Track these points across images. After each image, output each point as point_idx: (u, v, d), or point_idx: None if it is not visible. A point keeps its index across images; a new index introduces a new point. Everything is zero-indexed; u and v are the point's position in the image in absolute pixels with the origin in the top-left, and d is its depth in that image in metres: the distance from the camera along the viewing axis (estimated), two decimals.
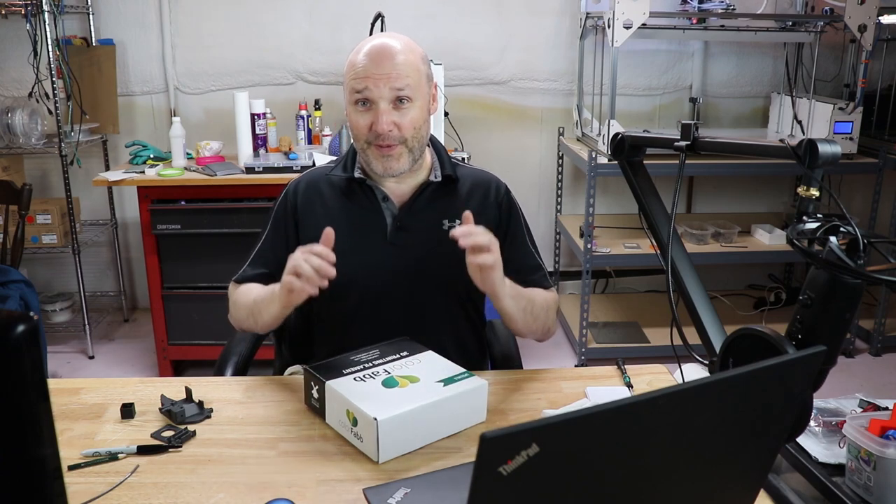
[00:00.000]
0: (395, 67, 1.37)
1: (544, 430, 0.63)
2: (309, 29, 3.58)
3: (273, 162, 2.98)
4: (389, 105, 1.38)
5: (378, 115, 1.38)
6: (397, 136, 1.39)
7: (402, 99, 1.39)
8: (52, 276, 3.75)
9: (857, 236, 1.18)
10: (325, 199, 1.52)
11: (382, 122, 1.37)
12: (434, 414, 1.19)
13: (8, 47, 3.45)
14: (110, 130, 3.53)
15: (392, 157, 1.41)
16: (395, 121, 1.39)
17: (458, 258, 1.52)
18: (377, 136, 1.39)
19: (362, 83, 1.38)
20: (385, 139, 1.39)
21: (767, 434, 0.84)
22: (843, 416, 1.57)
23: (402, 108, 1.39)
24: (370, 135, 1.40)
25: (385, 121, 1.37)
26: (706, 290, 1.53)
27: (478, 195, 1.55)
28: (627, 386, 1.41)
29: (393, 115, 1.39)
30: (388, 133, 1.38)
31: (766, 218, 3.61)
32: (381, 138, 1.39)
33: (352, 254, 1.49)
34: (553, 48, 3.69)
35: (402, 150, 1.41)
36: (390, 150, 1.40)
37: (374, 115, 1.39)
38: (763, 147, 1.52)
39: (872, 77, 3.37)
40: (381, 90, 1.37)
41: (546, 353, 3.36)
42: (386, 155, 1.41)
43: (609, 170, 3.10)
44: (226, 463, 1.15)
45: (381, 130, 1.38)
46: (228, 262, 1.56)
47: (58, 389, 1.37)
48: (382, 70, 1.37)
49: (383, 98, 1.38)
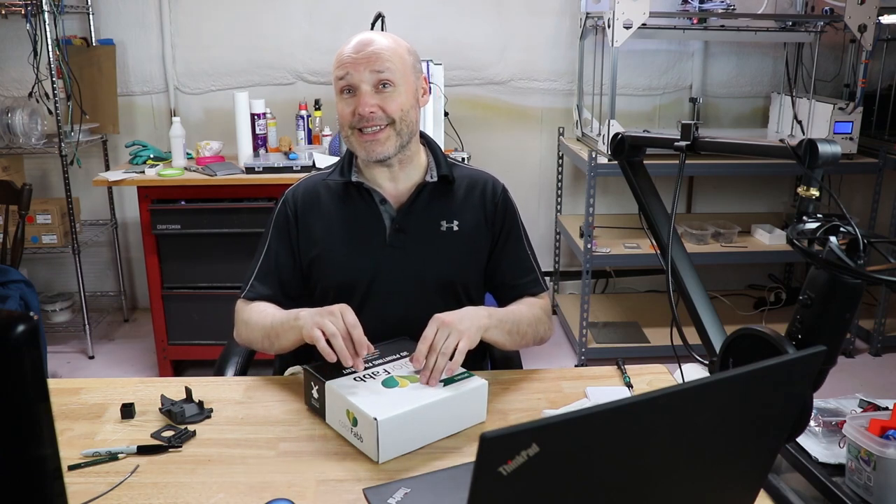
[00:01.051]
0: (375, 52, 1.40)
1: (544, 430, 0.63)
2: (309, 29, 3.58)
3: (273, 162, 2.98)
4: (371, 89, 1.40)
5: (360, 97, 1.40)
6: (382, 118, 1.41)
7: (384, 83, 1.40)
8: (52, 276, 3.75)
9: (857, 236, 1.18)
10: (323, 204, 1.52)
11: (364, 104, 1.39)
12: (434, 414, 1.19)
13: (8, 47, 3.45)
14: (110, 130, 3.53)
15: (377, 140, 1.42)
16: (379, 104, 1.40)
17: (457, 259, 1.52)
18: (360, 120, 1.40)
19: (344, 70, 1.41)
20: (367, 121, 1.40)
21: (767, 434, 0.84)
22: (843, 416, 1.56)
23: (385, 93, 1.41)
24: (354, 120, 1.41)
25: (366, 102, 1.39)
26: (706, 290, 1.53)
27: (474, 195, 1.55)
28: (627, 386, 1.42)
29: (375, 98, 1.40)
30: (371, 115, 1.39)
31: (766, 218, 3.61)
32: (364, 121, 1.40)
33: (352, 258, 1.49)
34: (553, 48, 3.69)
35: (389, 133, 1.42)
36: (374, 136, 1.41)
37: (357, 100, 1.40)
38: (763, 147, 1.52)
39: (872, 77, 3.37)
40: (362, 74, 1.39)
41: (546, 353, 3.36)
42: (369, 140, 1.42)
43: (609, 170, 3.10)
44: (226, 463, 1.15)
45: (363, 112, 1.39)
46: (228, 262, 1.58)
47: (58, 389, 1.37)
48: (363, 56, 1.40)
49: (364, 81, 1.40)
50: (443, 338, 1.26)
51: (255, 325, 1.47)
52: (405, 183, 1.51)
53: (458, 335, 1.27)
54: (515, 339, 1.45)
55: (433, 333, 1.27)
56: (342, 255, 1.50)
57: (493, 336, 1.39)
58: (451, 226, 1.52)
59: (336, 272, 1.50)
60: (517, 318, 1.46)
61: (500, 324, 1.40)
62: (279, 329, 1.40)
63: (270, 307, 1.49)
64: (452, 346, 1.26)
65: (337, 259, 1.50)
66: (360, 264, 1.49)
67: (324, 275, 1.52)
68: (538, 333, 1.51)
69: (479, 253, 1.55)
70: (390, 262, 1.49)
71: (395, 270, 1.49)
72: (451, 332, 1.27)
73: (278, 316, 1.43)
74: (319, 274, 1.52)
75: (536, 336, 1.51)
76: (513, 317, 1.45)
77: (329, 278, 1.51)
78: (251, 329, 1.48)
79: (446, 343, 1.26)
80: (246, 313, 1.50)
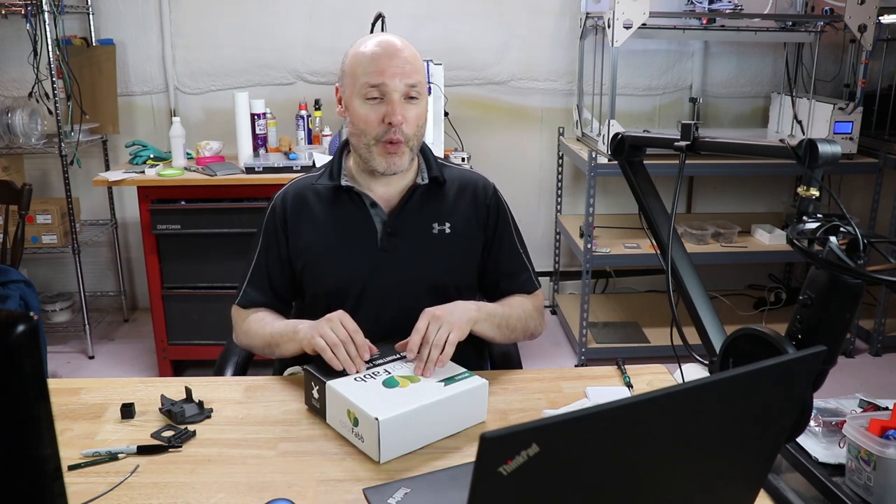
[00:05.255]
0: (408, 63, 1.39)
1: (544, 430, 0.63)
2: (309, 29, 3.58)
3: (273, 162, 2.98)
4: (401, 97, 1.39)
5: (393, 105, 1.38)
6: (403, 132, 1.40)
7: (412, 96, 1.40)
8: (52, 276, 3.75)
9: (857, 236, 1.18)
10: (313, 209, 1.52)
11: (397, 113, 1.38)
12: (435, 414, 1.20)
13: (8, 47, 3.45)
14: (110, 130, 3.53)
15: (397, 154, 1.41)
16: (406, 115, 1.39)
17: (450, 261, 1.52)
18: (388, 130, 1.39)
19: (378, 77, 1.38)
20: (397, 133, 1.39)
21: (767, 434, 0.84)
22: (843, 416, 1.56)
23: (412, 104, 1.41)
24: (381, 128, 1.40)
25: (400, 112, 1.38)
26: (706, 290, 1.53)
27: (465, 196, 1.54)
28: (627, 386, 1.41)
29: (406, 109, 1.40)
30: (400, 126, 1.39)
31: (766, 218, 3.61)
32: (394, 131, 1.39)
33: (344, 263, 1.49)
34: (553, 48, 3.69)
35: (404, 149, 1.42)
36: (396, 148, 1.41)
37: (388, 107, 1.38)
38: (763, 147, 1.52)
39: (872, 77, 3.37)
40: (397, 83, 1.38)
41: (546, 353, 3.36)
42: (391, 153, 1.41)
43: (609, 170, 3.10)
44: (226, 463, 1.15)
45: (396, 122, 1.38)
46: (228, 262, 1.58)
47: (58, 389, 1.37)
48: (397, 64, 1.38)
49: (398, 90, 1.38)
50: (434, 330, 1.30)
51: (254, 335, 1.48)
52: (396, 186, 1.51)
53: (448, 327, 1.30)
54: (505, 332, 1.47)
55: (425, 326, 1.30)
56: (334, 261, 1.49)
57: (482, 329, 1.40)
58: (443, 228, 1.51)
59: (328, 278, 1.50)
60: (507, 312, 1.48)
61: (489, 317, 1.42)
62: (279, 339, 1.42)
63: (269, 316, 1.49)
64: (444, 338, 1.29)
65: (328, 265, 1.50)
66: (352, 270, 1.49)
67: (316, 281, 1.52)
68: (528, 328, 1.53)
69: (472, 254, 1.55)
70: (383, 267, 1.48)
71: (387, 274, 1.48)
72: (441, 324, 1.30)
73: (277, 327, 1.44)
74: (311, 280, 1.52)
75: (527, 331, 1.53)
76: (502, 311, 1.47)
77: (321, 284, 1.51)
78: (251, 338, 1.49)
79: (438, 335, 1.29)
80: (245, 323, 1.51)
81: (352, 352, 1.27)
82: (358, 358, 1.28)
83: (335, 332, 1.28)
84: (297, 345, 1.36)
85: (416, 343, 1.29)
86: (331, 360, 1.27)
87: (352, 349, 1.28)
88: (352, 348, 1.28)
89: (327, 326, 1.29)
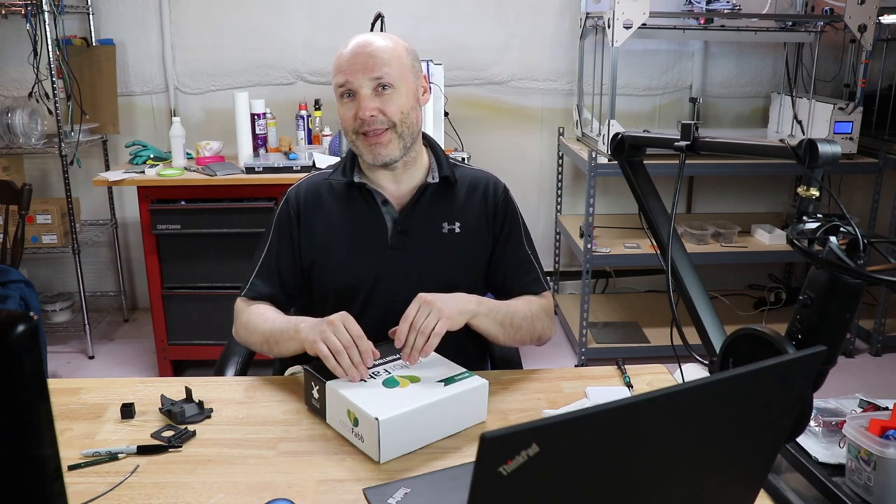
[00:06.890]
0: (373, 56, 1.39)
1: (544, 430, 0.63)
2: (309, 29, 3.58)
3: (273, 162, 2.97)
4: (371, 92, 1.40)
5: (360, 101, 1.40)
6: (383, 121, 1.40)
7: (383, 86, 1.40)
8: (52, 276, 3.75)
9: (857, 236, 1.18)
10: (325, 204, 1.52)
11: (364, 108, 1.39)
12: (435, 414, 1.20)
13: (8, 47, 3.45)
14: (110, 130, 3.53)
15: (381, 144, 1.42)
16: (379, 107, 1.40)
17: (459, 261, 1.52)
18: (362, 124, 1.40)
19: (343, 76, 1.40)
20: (369, 125, 1.40)
21: (767, 434, 0.84)
22: (843, 416, 1.57)
23: (385, 95, 1.41)
24: (356, 124, 1.41)
25: (366, 106, 1.39)
26: (706, 290, 1.53)
27: (476, 196, 1.54)
28: (627, 386, 1.41)
29: (375, 101, 1.40)
30: (371, 119, 1.39)
31: (766, 218, 3.61)
32: (366, 125, 1.40)
33: (354, 260, 1.49)
34: (553, 48, 3.69)
35: (391, 136, 1.42)
36: (378, 139, 1.41)
37: (357, 104, 1.40)
38: (763, 147, 1.52)
39: (872, 77, 3.37)
40: (361, 80, 1.39)
41: (546, 353, 3.36)
42: (374, 143, 1.42)
43: (609, 170, 3.10)
44: (226, 463, 1.15)
45: (364, 116, 1.39)
46: (228, 262, 1.58)
47: (58, 389, 1.37)
48: (360, 60, 1.39)
49: (363, 86, 1.40)
50: (423, 316, 1.28)
51: (254, 330, 1.46)
52: (407, 184, 1.51)
53: (437, 314, 1.28)
54: (509, 331, 1.44)
55: (414, 311, 1.28)
56: (344, 257, 1.50)
57: (482, 325, 1.39)
58: (452, 227, 1.51)
59: (338, 275, 1.50)
60: (511, 310, 1.45)
61: (490, 312, 1.40)
62: (279, 336, 1.40)
63: (271, 311, 1.48)
64: (431, 326, 1.27)
65: (339, 262, 1.50)
66: (362, 267, 1.49)
67: (326, 277, 1.52)
68: (535, 330, 1.50)
69: (481, 254, 1.55)
70: (392, 265, 1.48)
71: (397, 273, 1.48)
72: (431, 311, 1.28)
73: (278, 323, 1.43)
74: (321, 276, 1.52)
75: (534, 332, 1.50)
76: (506, 308, 1.45)
77: (331, 281, 1.51)
78: (250, 332, 1.48)
79: (426, 322, 1.27)
80: (245, 315, 1.50)
81: (355, 357, 1.24)
82: (361, 364, 1.25)
83: (338, 338, 1.25)
84: (297, 344, 1.35)
85: (403, 331, 1.27)
86: (334, 369, 1.24)
87: (355, 355, 1.25)
88: (355, 354, 1.25)
89: (330, 331, 1.26)
